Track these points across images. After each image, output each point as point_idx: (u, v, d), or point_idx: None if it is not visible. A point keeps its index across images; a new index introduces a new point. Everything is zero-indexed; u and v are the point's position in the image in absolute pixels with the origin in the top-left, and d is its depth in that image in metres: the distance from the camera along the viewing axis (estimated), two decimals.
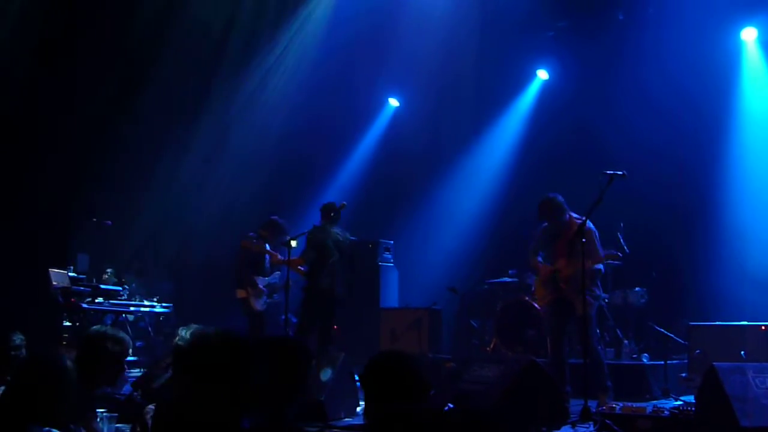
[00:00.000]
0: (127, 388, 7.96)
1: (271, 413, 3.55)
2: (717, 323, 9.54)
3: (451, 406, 6.55)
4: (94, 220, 11.21)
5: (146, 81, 12.44)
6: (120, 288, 11.49)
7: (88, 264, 11.77)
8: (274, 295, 10.87)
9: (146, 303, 11.69)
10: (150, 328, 12.17)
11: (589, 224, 7.76)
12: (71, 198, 11.81)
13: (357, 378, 7.16)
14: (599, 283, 8.37)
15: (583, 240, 7.37)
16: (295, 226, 10.32)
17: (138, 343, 12.07)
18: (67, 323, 10.78)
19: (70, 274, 10.81)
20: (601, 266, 8.14)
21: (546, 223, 8.34)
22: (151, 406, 4.00)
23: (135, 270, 12.96)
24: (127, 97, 12.23)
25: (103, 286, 11.23)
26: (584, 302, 7.31)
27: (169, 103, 12.84)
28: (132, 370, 10.25)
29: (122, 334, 4.97)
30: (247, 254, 9.84)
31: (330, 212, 9.34)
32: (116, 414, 5.90)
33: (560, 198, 8.21)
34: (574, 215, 8.15)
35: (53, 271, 10.49)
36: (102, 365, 4.77)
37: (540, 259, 8.39)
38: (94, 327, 5.12)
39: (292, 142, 13.89)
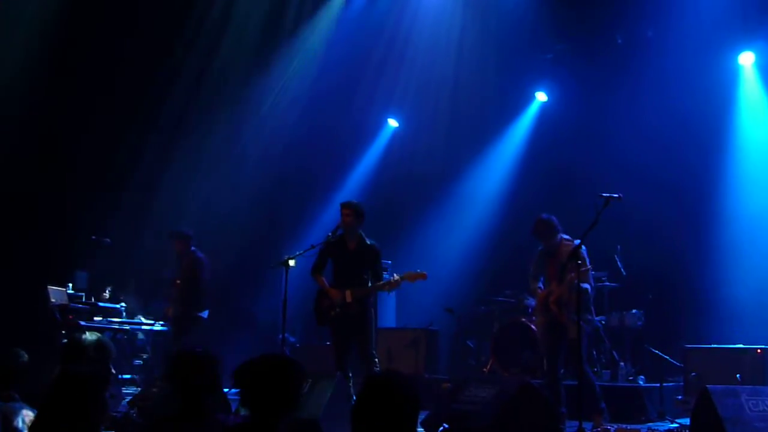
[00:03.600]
0: (123, 406, 7.97)
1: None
2: (713, 346, 9.59)
3: (446, 426, 6.59)
4: (93, 238, 11.26)
5: (147, 103, 12.53)
6: (118, 306, 11.51)
7: (87, 282, 11.78)
8: None
9: (144, 321, 11.71)
10: (148, 347, 12.18)
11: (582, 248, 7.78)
12: (71, 215, 11.86)
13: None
14: (591, 307, 8.38)
15: (579, 262, 7.40)
16: (296, 245, 10.34)
17: (135, 361, 12.08)
18: (65, 341, 10.76)
19: (68, 291, 10.83)
20: (588, 287, 8.11)
21: (541, 246, 8.40)
22: None
23: (134, 288, 12.97)
24: (129, 118, 12.31)
25: (101, 304, 11.25)
26: (577, 325, 7.33)
27: (170, 124, 12.93)
28: (129, 388, 10.26)
29: (101, 338, 4.94)
30: None
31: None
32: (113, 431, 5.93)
33: (554, 219, 8.26)
34: (566, 237, 8.19)
35: (52, 288, 10.51)
36: None
37: (540, 284, 8.42)
38: (74, 335, 5.09)
39: (292, 161, 13.94)
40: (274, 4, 13.03)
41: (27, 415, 4.52)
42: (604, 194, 7.38)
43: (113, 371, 4.82)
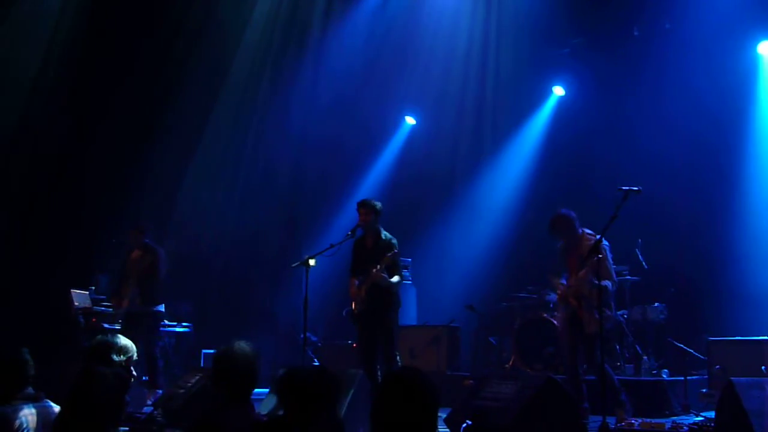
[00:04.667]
0: (147, 407, 8.02)
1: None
2: (737, 338, 9.50)
3: (469, 422, 6.58)
4: (115, 241, 11.31)
5: (168, 107, 12.59)
6: None
7: (109, 285, 11.84)
8: None
9: (167, 323, 11.75)
10: (170, 348, 12.23)
11: (604, 241, 7.74)
12: (93, 219, 11.93)
13: None
14: (612, 302, 8.34)
15: (599, 256, 7.36)
16: (316, 245, 10.36)
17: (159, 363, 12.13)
18: (90, 343, 10.82)
19: (91, 294, 10.90)
20: (608, 283, 8.06)
21: (561, 241, 8.36)
22: None
23: None
24: (150, 122, 12.38)
25: None
26: (597, 319, 7.31)
27: (190, 128, 13.00)
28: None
29: (125, 341, 4.97)
30: None
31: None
32: None
33: (572, 214, 8.22)
34: (588, 231, 8.15)
35: (75, 291, 10.58)
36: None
37: (564, 280, 8.38)
38: (98, 337, 5.13)
39: (309, 160, 13.99)
40: (293, 6, 13.10)
41: (29, 414, 4.55)
42: (624, 187, 7.35)
43: (134, 373, 4.82)
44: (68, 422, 3.95)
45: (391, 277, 8.45)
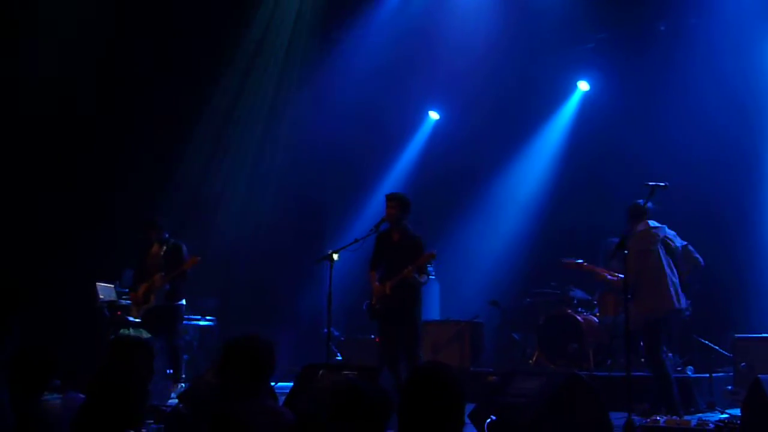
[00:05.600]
0: (172, 401, 8.07)
1: None
2: (763, 335, 9.43)
3: (494, 418, 6.57)
4: (140, 236, 11.38)
5: (192, 99, 12.66)
6: None
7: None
8: None
9: (191, 317, 11.82)
10: (195, 342, 12.30)
11: None
12: (118, 213, 12.01)
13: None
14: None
15: (625, 252, 7.36)
16: (339, 240, 10.37)
17: (183, 356, 12.21)
18: (112, 338, 10.92)
19: (116, 288, 10.97)
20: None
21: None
22: None
23: None
24: (173, 113, 12.44)
25: None
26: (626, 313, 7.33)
27: (215, 122, 13.06)
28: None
29: (145, 336, 5.02)
30: None
31: None
32: (162, 425, 6.00)
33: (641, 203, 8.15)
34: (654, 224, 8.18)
35: (100, 285, 10.67)
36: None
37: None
38: (121, 332, 5.21)
39: (335, 155, 14.00)
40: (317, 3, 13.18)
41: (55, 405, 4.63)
42: (650, 183, 7.33)
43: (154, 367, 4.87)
44: (91, 413, 4.01)
45: (420, 276, 8.45)
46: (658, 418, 6.91)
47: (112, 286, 10.87)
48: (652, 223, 8.27)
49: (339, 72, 13.53)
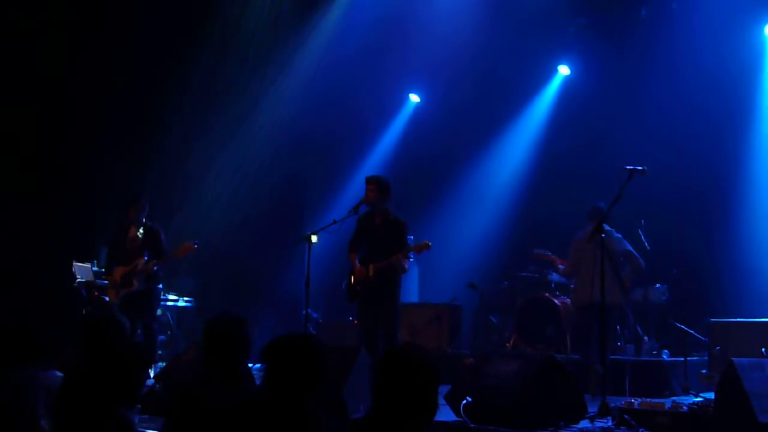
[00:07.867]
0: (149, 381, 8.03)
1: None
2: (738, 320, 9.52)
3: (469, 400, 6.60)
4: (118, 215, 11.30)
5: (170, 79, 12.55)
6: None
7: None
8: None
9: (168, 297, 11.79)
10: (172, 322, 12.27)
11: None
12: (96, 192, 11.93)
13: None
14: None
15: (603, 235, 7.40)
16: (319, 222, 10.34)
17: (160, 337, 12.16)
18: (82, 318, 10.86)
19: (93, 268, 10.90)
20: None
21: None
22: None
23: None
24: (155, 102, 12.36)
25: None
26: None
27: (194, 102, 12.95)
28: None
29: (119, 317, 4.99)
30: None
31: None
32: (138, 405, 5.98)
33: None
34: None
35: (77, 264, 10.60)
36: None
37: None
38: (89, 312, 5.19)
39: (313, 138, 13.95)
40: None
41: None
42: (629, 167, 7.34)
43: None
44: (73, 390, 4.00)
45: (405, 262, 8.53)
46: (632, 400, 6.95)
47: (89, 265, 10.80)
48: (607, 227, 8.27)
49: (319, 54, 13.45)
